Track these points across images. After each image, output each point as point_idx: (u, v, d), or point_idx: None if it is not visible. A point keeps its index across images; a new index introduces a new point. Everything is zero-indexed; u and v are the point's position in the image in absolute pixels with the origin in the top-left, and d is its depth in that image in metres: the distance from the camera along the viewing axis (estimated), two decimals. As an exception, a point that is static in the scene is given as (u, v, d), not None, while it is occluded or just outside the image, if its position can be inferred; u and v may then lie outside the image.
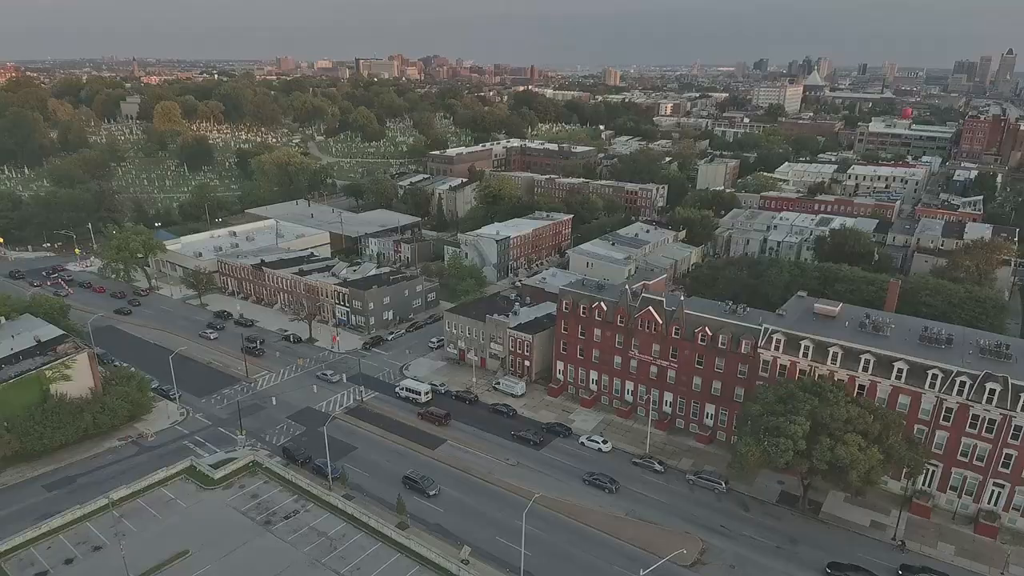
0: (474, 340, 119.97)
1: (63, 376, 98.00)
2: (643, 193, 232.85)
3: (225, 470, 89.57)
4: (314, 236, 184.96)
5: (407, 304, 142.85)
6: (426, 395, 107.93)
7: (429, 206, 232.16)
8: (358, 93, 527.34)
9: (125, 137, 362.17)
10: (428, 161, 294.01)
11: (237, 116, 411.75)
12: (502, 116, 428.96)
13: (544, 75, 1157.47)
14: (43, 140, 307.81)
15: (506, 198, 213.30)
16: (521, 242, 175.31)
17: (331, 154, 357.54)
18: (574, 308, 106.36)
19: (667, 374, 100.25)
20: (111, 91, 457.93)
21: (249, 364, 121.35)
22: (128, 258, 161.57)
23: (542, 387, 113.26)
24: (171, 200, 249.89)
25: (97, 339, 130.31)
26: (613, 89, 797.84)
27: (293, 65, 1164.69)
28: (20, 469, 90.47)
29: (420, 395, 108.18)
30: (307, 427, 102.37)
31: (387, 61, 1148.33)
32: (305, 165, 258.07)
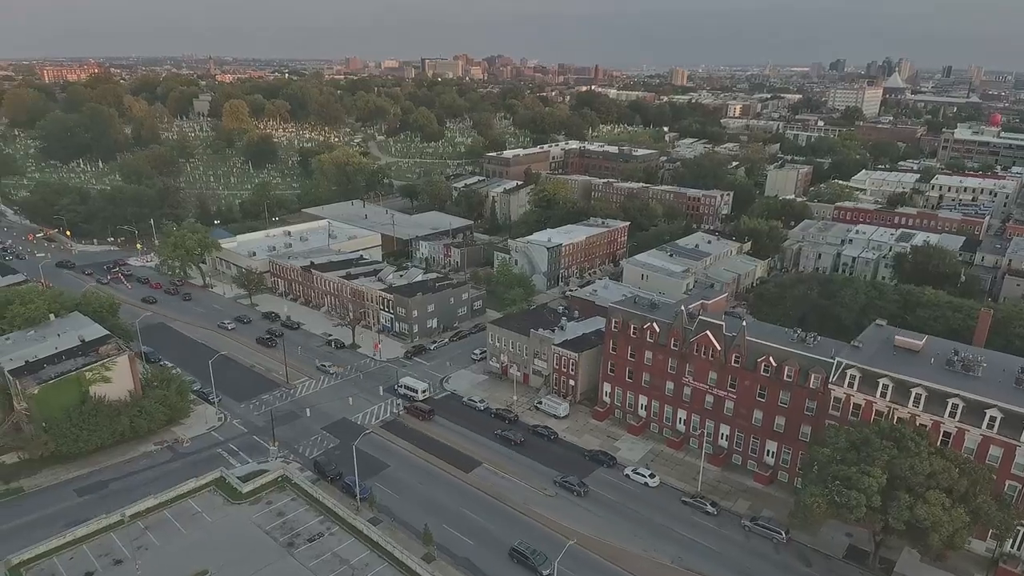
0: (517, 355, 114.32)
1: (103, 378, 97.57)
2: (706, 200, 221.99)
3: (254, 484, 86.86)
4: (366, 238, 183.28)
5: (452, 312, 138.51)
6: (423, 393, 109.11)
7: (482, 209, 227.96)
8: (420, 93, 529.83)
9: (195, 134, 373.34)
10: (484, 162, 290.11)
11: (302, 115, 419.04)
12: (562, 117, 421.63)
13: (609, 75, 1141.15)
14: (117, 135, 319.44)
15: (561, 202, 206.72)
16: (573, 250, 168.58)
17: (390, 154, 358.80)
18: (624, 327, 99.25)
19: (724, 405, 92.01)
20: (185, 89, 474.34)
21: (290, 369, 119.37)
22: (184, 255, 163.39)
23: (587, 409, 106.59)
24: (234, 197, 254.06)
25: (146, 337, 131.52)
26: (680, 89, 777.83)
27: (361, 65, 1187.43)
28: (55, 471, 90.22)
29: (417, 393, 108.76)
30: (341, 440, 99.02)
31: (452, 61, 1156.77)
32: (363, 165, 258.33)
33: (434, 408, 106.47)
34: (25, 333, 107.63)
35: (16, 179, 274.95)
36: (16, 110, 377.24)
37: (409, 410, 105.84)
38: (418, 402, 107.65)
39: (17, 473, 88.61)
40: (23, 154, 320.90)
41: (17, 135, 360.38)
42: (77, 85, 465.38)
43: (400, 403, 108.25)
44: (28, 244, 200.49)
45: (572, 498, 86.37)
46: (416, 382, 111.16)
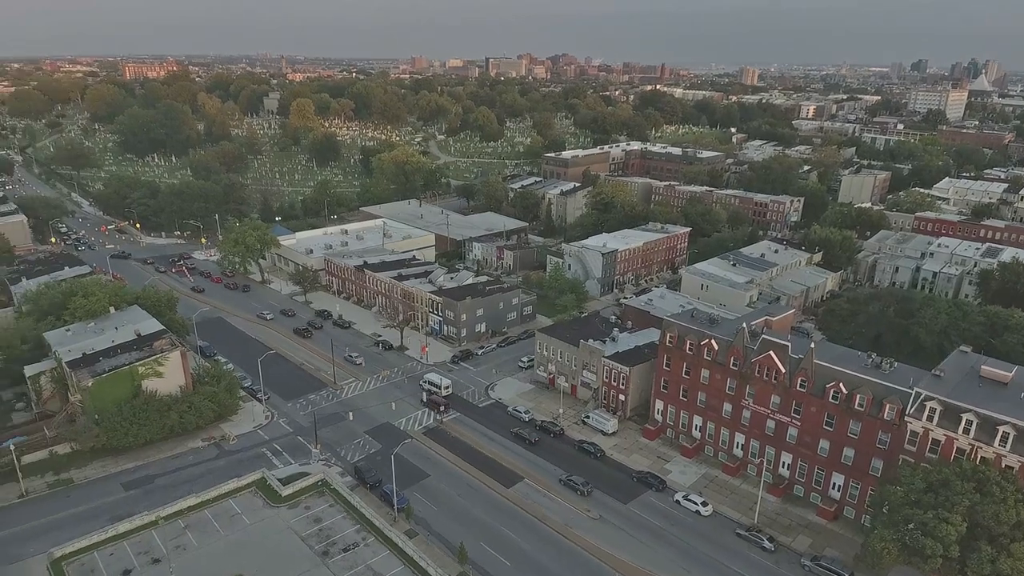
0: (565, 365, 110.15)
1: (155, 372, 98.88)
2: (774, 206, 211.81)
3: (293, 487, 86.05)
4: (420, 238, 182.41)
5: (501, 317, 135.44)
6: (446, 389, 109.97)
7: (538, 211, 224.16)
8: (482, 92, 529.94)
9: (263, 131, 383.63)
10: (542, 163, 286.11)
11: (367, 114, 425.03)
12: (625, 117, 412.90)
13: (676, 74, 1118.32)
14: (190, 132, 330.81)
15: (619, 206, 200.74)
16: (630, 256, 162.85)
17: (450, 153, 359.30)
18: (680, 343, 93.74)
19: (787, 431, 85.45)
20: (256, 87, 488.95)
21: (337, 369, 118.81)
22: (243, 251, 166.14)
23: (637, 427, 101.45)
24: (297, 194, 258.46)
25: (203, 331, 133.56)
26: (749, 89, 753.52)
27: (426, 64, 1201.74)
28: (104, 463, 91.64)
29: (440, 389, 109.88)
30: (383, 445, 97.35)
31: (515, 60, 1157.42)
32: (421, 164, 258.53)
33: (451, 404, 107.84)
34: (85, 325, 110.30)
35: (94, 171, 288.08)
36: (97, 105, 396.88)
37: (426, 403, 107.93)
38: (435, 396, 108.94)
39: (68, 464, 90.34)
40: (102, 147, 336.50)
41: (97, 129, 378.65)
42: (155, 82, 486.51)
43: (442, 409, 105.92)
44: (100, 235, 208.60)
45: (617, 521, 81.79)
46: (439, 378, 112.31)
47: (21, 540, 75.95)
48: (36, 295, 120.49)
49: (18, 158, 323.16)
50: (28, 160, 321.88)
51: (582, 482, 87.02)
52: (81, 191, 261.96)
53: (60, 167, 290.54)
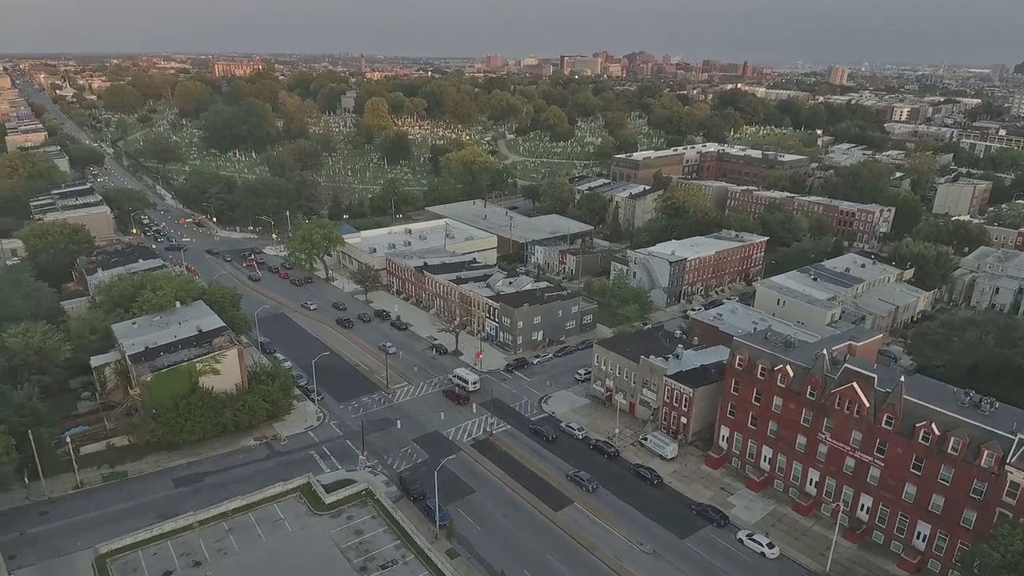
0: (624, 381, 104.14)
1: (213, 370, 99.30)
2: (862, 215, 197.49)
3: (337, 495, 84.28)
4: (482, 240, 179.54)
5: (560, 325, 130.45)
6: (473, 385, 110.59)
7: (605, 214, 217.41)
8: (555, 91, 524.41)
9: (339, 129, 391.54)
10: (612, 164, 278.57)
11: (439, 113, 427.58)
12: (702, 117, 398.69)
13: (758, 72, 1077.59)
14: (270, 128, 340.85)
15: (691, 211, 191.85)
16: (700, 265, 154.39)
17: (518, 153, 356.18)
18: (750, 366, 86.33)
19: (868, 471, 76.96)
20: (334, 86, 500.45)
21: (391, 373, 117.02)
22: (309, 248, 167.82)
23: (699, 453, 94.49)
24: (367, 192, 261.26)
25: (265, 327, 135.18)
26: (838, 89, 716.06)
27: (501, 63, 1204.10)
28: (158, 458, 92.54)
29: (468, 384, 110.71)
30: (430, 455, 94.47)
31: (591, 58, 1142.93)
32: (488, 164, 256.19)
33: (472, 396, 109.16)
34: (151, 318, 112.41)
35: (179, 165, 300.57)
36: (185, 101, 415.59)
37: (447, 393, 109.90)
38: (458, 387, 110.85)
39: (124, 457, 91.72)
40: (188, 142, 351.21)
41: (184, 125, 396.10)
42: (240, 80, 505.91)
43: (492, 422, 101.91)
44: (179, 228, 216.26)
45: (672, 558, 75.65)
46: (468, 373, 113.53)
47: (71, 533, 76.98)
48: (108, 287, 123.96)
49: (109, 151, 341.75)
50: (118, 153, 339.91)
51: (587, 478, 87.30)
52: (165, 184, 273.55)
53: (147, 160, 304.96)
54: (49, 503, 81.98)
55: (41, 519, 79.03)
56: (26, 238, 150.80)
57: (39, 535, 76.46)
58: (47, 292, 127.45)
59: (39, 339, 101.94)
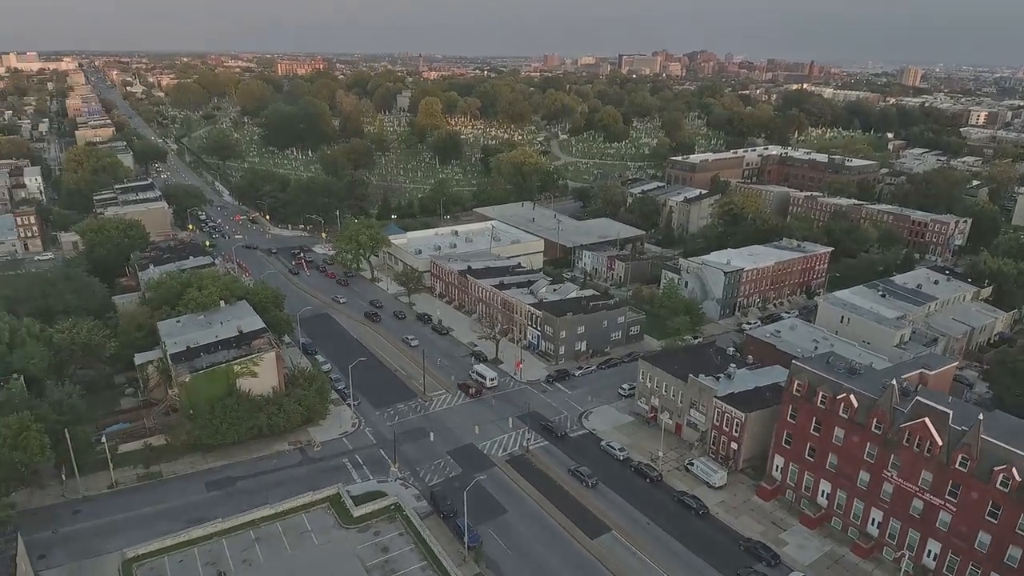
0: (670, 400, 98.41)
1: (250, 372, 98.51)
2: (935, 226, 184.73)
3: (366, 508, 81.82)
4: (529, 243, 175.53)
5: (605, 336, 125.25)
6: (491, 381, 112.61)
7: (658, 218, 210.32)
8: (611, 91, 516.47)
9: (393, 129, 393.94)
10: (667, 166, 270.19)
11: (492, 112, 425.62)
12: (764, 118, 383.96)
13: (825, 72, 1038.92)
14: (326, 127, 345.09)
15: (750, 217, 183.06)
16: (757, 276, 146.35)
17: (571, 153, 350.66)
18: (811, 392, 79.61)
19: (937, 516, 69.54)
20: (391, 85, 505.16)
21: (429, 379, 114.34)
22: (356, 249, 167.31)
23: (750, 482, 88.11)
24: (417, 192, 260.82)
25: (309, 327, 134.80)
26: (910, 91, 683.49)
27: (558, 62, 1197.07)
28: (193, 460, 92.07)
29: (486, 380, 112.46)
30: (463, 469, 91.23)
31: (650, 57, 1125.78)
32: (539, 165, 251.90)
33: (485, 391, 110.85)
34: (195, 317, 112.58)
35: (238, 162, 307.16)
36: (247, 99, 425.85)
37: (461, 386, 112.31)
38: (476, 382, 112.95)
39: (159, 457, 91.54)
40: (248, 140, 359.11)
41: (246, 122, 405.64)
42: (300, 79, 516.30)
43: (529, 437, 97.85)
44: (234, 224, 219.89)
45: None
46: (487, 370, 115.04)
47: (101, 534, 76.76)
48: (157, 283, 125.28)
49: (173, 147, 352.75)
50: (181, 149, 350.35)
51: (588, 474, 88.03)
52: (223, 181, 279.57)
53: (208, 157, 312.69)
54: (83, 501, 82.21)
55: (74, 518, 79.18)
56: (83, 232, 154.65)
57: (71, 534, 76.52)
58: (98, 287, 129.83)
59: (85, 334, 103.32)
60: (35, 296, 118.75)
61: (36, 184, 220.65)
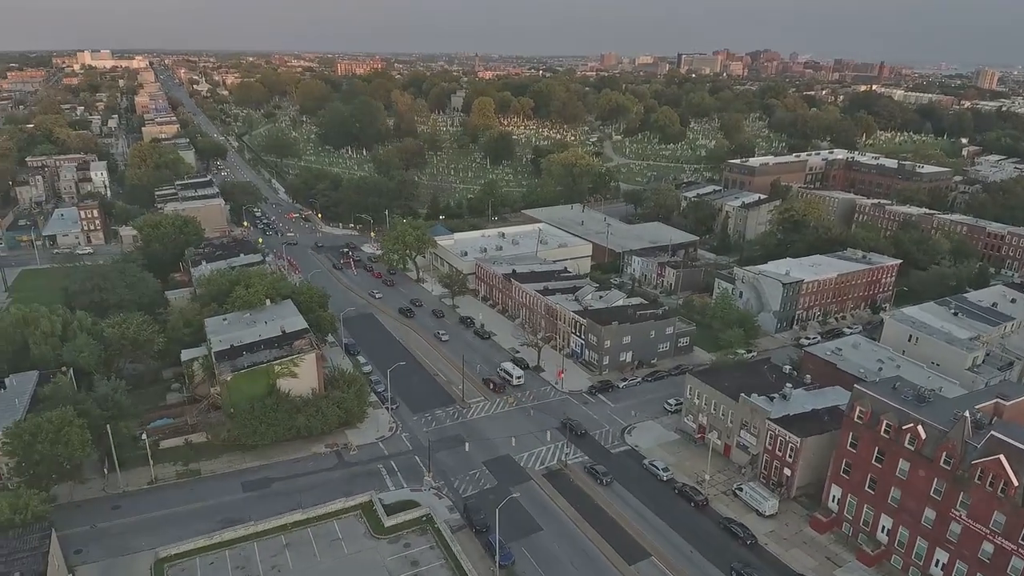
0: (719, 419, 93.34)
1: (290, 373, 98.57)
2: (1014, 239, 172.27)
3: (397, 518, 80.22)
4: (576, 247, 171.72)
5: (651, 346, 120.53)
6: (518, 379, 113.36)
7: (713, 224, 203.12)
8: (668, 91, 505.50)
9: (446, 128, 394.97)
10: (725, 170, 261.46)
11: (546, 112, 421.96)
12: (830, 120, 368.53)
13: (896, 73, 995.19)
14: (381, 127, 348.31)
15: (812, 225, 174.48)
16: (818, 289, 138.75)
17: (624, 155, 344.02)
18: (873, 420, 73.72)
19: (1009, 562, 63.08)
20: (446, 85, 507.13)
21: (468, 385, 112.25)
22: (401, 250, 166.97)
23: (803, 512, 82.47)
24: (467, 192, 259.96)
25: (352, 327, 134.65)
26: (987, 94, 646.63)
27: (615, 61, 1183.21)
28: (232, 459, 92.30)
29: (512, 378, 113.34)
30: (499, 482, 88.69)
31: (711, 56, 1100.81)
32: (590, 166, 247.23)
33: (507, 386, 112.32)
34: (241, 315, 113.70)
35: (295, 161, 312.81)
36: (305, 98, 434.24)
37: (486, 381, 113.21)
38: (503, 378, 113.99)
39: (199, 455, 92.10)
40: (305, 138, 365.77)
41: (304, 121, 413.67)
42: (358, 79, 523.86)
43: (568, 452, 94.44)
44: (287, 222, 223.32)
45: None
46: (514, 368, 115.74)
47: (137, 531, 77.33)
48: (208, 280, 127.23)
49: (234, 144, 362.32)
50: (242, 146, 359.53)
51: (603, 471, 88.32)
52: (280, 179, 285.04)
53: (266, 155, 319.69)
54: (123, 497, 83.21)
55: (113, 513, 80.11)
56: (140, 228, 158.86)
57: (108, 530, 77.35)
58: (151, 282, 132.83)
59: (134, 330, 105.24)
60: (90, 289, 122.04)
61: (101, 178, 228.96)
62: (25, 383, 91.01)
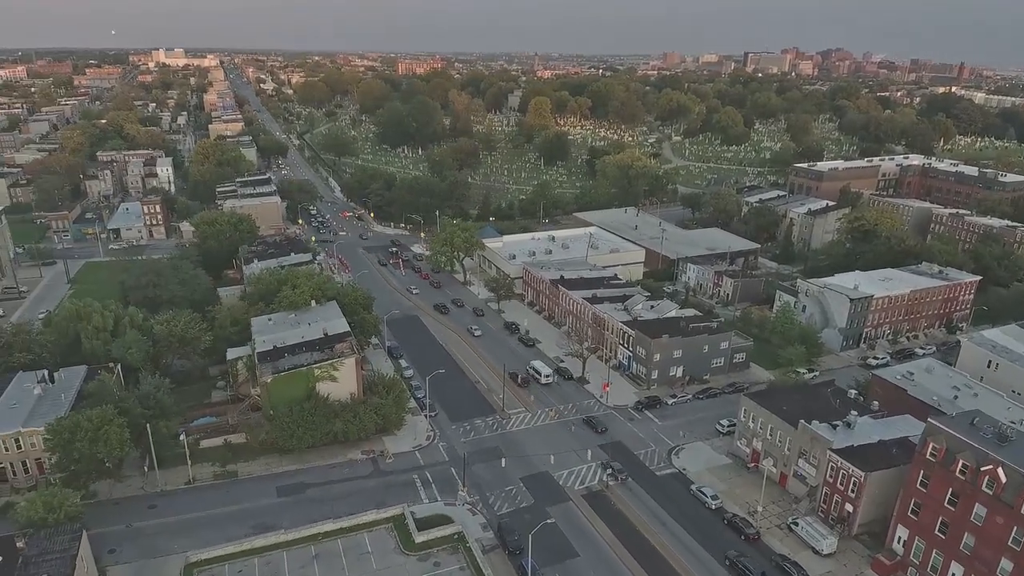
0: (776, 446, 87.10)
1: (330, 376, 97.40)
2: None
3: (429, 535, 77.78)
4: (628, 252, 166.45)
5: (704, 362, 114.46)
6: (546, 377, 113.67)
7: (775, 231, 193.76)
8: (732, 90, 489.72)
9: (501, 128, 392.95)
10: (790, 174, 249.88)
11: (603, 112, 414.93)
12: (905, 123, 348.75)
13: (977, 74, 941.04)
14: (436, 127, 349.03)
15: (883, 236, 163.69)
16: (889, 305, 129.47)
17: (683, 156, 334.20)
18: (948, 458, 66.69)
19: (1116, 635, 55.43)
20: (504, 84, 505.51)
21: (509, 395, 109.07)
22: (450, 252, 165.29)
23: (864, 553, 75.66)
24: (519, 193, 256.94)
25: (397, 329, 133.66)
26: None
27: (678, 60, 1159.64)
28: (268, 461, 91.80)
29: (541, 377, 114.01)
30: (536, 500, 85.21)
31: (778, 55, 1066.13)
32: (647, 168, 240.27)
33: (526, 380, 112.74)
34: (287, 315, 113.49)
35: (352, 159, 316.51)
36: (365, 98, 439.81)
37: (511, 375, 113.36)
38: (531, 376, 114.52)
39: (237, 456, 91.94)
40: (363, 137, 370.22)
41: (363, 120, 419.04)
42: (416, 78, 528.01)
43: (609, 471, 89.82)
44: (341, 221, 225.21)
45: None
46: (543, 367, 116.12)
47: (171, 533, 77.25)
48: (257, 279, 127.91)
49: (295, 142, 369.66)
50: (302, 145, 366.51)
51: (619, 468, 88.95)
52: (336, 177, 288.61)
53: (325, 153, 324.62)
54: (160, 496, 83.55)
55: (149, 513, 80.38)
56: (197, 224, 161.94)
57: (143, 530, 77.55)
58: (203, 279, 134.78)
59: (182, 327, 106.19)
60: (144, 285, 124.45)
61: (166, 174, 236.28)
62: (73, 378, 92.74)
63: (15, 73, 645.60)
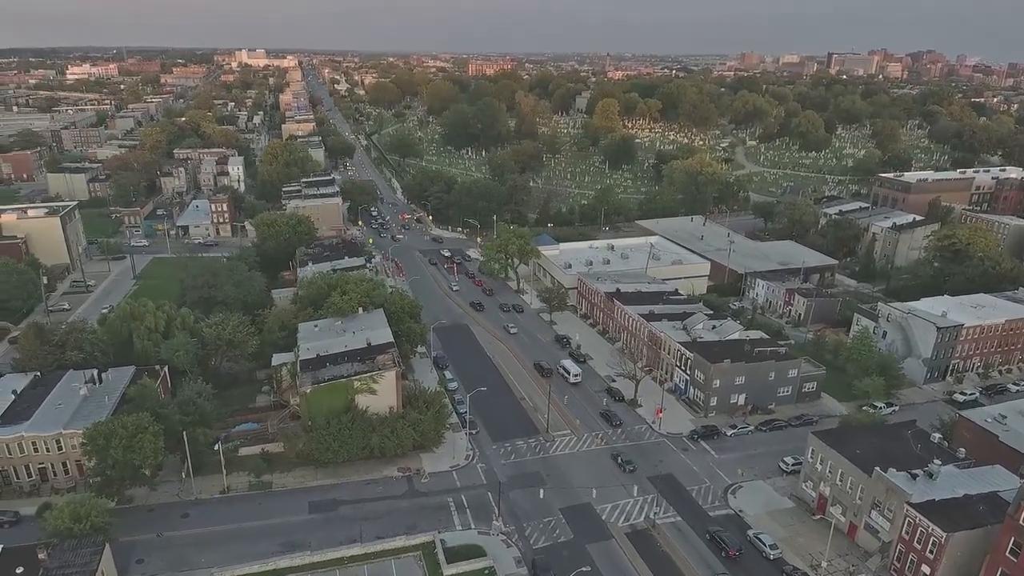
0: (846, 493, 78.47)
1: (369, 389, 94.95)
2: None
3: (458, 568, 73.61)
4: (692, 265, 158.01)
5: (770, 390, 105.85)
6: (575, 377, 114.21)
7: (856, 246, 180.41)
8: (814, 93, 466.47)
9: (567, 130, 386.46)
10: (874, 184, 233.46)
11: (674, 115, 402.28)
12: (1002, 132, 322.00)
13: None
14: (501, 128, 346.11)
15: (977, 256, 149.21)
16: (981, 335, 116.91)
17: (758, 162, 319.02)
18: (1050, 527, 57.32)
19: None
20: (572, 86, 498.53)
21: (555, 416, 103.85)
22: (504, 259, 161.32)
23: (946, 627, 66.64)
24: (582, 197, 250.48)
25: (445, 338, 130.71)
26: None
27: (757, 60, 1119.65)
28: (304, 474, 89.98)
29: (570, 375, 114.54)
30: (575, 535, 79.83)
31: (865, 56, 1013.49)
32: (717, 175, 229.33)
33: None
34: (333, 322, 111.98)
35: (417, 161, 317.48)
36: (433, 99, 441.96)
37: (536, 365, 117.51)
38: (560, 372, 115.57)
39: (273, 467, 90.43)
40: (429, 139, 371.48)
41: (430, 121, 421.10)
42: (485, 80, 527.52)
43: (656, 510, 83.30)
44: (400, 223, 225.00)
45: None
46: (572, 365, 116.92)
47: (200, 545, 76.07)
48: (309, 283, 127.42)
49: (362, 142, 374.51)
50: (369, 145, 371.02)
51: (626, 460, 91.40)
52: (399, 178, 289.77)
53: (390, 154, 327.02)
54: (194, 504, 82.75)
55: (181, 522, 79.57)
56: (257, 225, 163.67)
57: (172, 540, 76.63)
58: (258, 280, 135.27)
59: (230, 331, 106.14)
60: (200, 285, 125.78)
61: (237, 173, 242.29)
62: (120, 379, 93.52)
63: (108, 71, 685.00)
